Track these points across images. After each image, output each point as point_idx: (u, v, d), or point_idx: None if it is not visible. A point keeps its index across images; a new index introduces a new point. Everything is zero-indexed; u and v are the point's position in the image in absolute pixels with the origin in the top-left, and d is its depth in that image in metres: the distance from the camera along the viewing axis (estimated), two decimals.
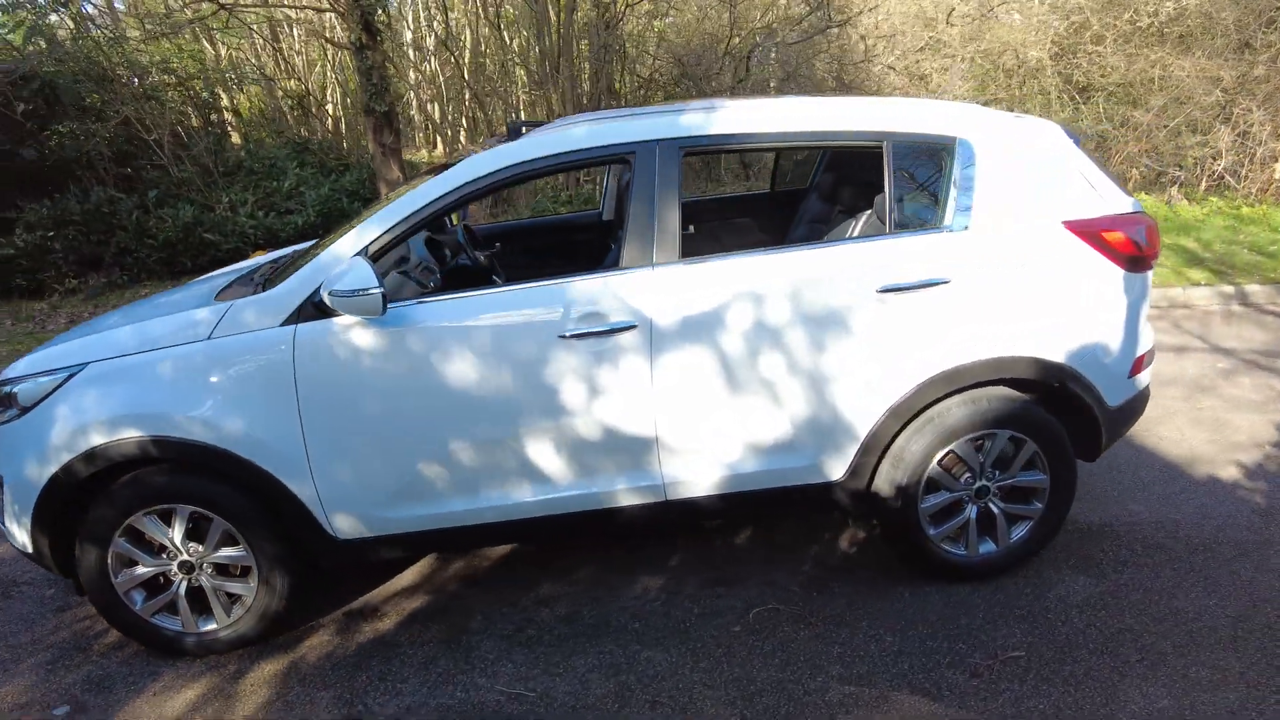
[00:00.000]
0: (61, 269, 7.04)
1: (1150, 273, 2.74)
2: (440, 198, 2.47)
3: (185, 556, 2.54)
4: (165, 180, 8.82)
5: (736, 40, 8.87)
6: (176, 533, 2.51)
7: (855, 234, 3.08)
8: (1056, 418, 2.70)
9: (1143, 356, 2.76)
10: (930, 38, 9.14)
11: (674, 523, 2.73)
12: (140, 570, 2.54)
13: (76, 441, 2.40)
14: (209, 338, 2.43)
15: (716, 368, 2.50)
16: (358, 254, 2.41)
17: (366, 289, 2.26)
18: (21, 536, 2.53)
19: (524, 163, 2.51)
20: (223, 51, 11.92)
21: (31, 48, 8.32)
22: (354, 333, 2.41)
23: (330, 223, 9.19)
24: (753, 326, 2.49)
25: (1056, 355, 2.61)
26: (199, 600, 2.59)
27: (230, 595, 2.60)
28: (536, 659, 2.55)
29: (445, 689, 2.44)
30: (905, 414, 2.59)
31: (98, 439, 2.40)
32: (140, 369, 2.43)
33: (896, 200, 2.61)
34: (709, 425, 2.56)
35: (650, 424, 2.52)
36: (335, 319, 2.38)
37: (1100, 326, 2.64)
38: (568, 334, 2.43)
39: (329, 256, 2.45)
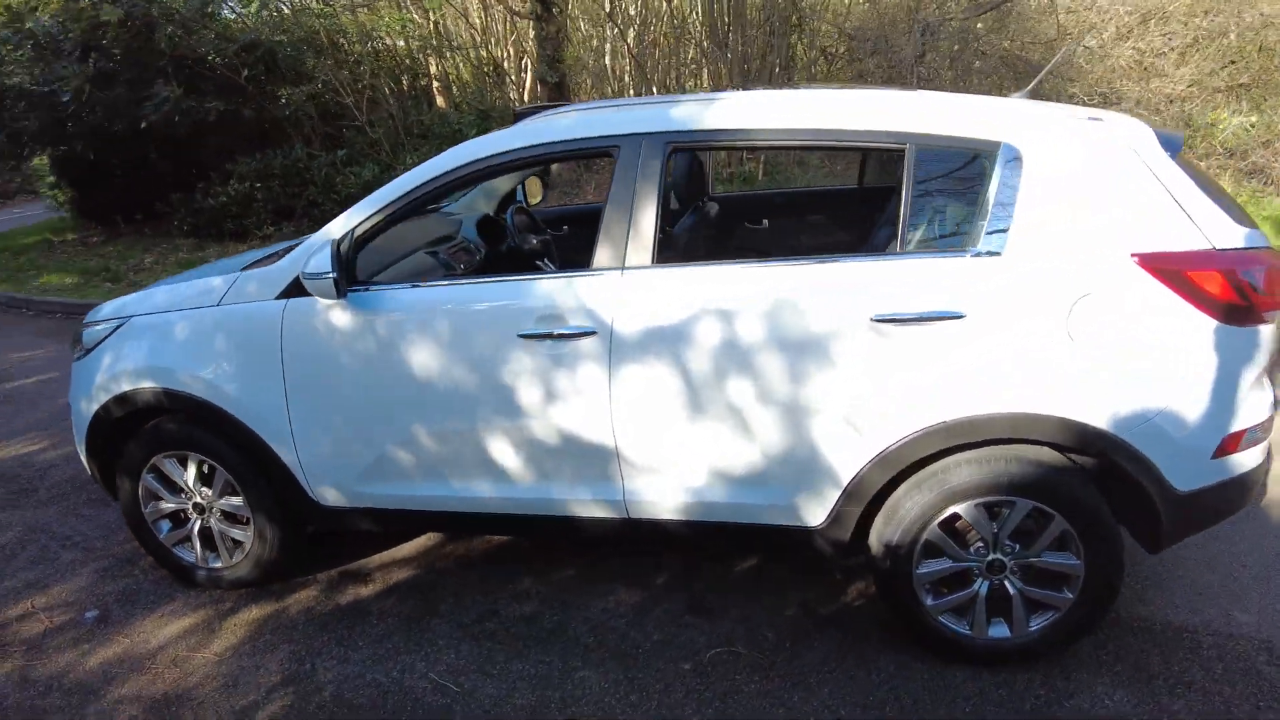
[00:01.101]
0: (262, 216, 8.06)
1: (1265, 328, 2.12)
2: (420, 185, 2.46)
3: (198, 499, 2.80)
4: (360, 140, 9.71)
5: (924, 13, 8.03)
6: (190, 476, 2.77)
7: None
8: (1102, 495, 2.20)
9: (1240, 433, 2.16)
10: (1147, 10, 7.72)
11: (643, 541, 2.58)
12: (164, 505, 2.84)
13: (112, 385, 2.72)
14: (218, 304, 2.63)
15: (681, 385, 2.30)
16: (341, 237, 2.47)
17: (322, 274, 2.32)
18: (83, 459, 2.93)
19: (505, 153, 2.43)
20: (433, 19, 12.78)
21: (263, 17, 9.45)
22: (333, 313, 2.49)
23: None
24: (725, 344, 2.25)
25: (1098, 420, 2.11)
26: (210, 540, 2.86)
27: (234, 540, 2.84)
28: (479, 655, 2.54)
29: (386, 665, 2.50)
30: (897, 464, 2.23)
31: (126, 386, 2.70)
32: (163, 327, 2.69)
33: (914, 214, 2.22)
34: (672, 445, 2.37)
35: (609, 436, 2.38)
36: (319, 298, 2.47)
37: (1171, 390, 2.10)
38: (525, 334, 2.35)
39: (321, 237, 2.54)
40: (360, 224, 2.49)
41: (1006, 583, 2.31)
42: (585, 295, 2.32)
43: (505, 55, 12.48)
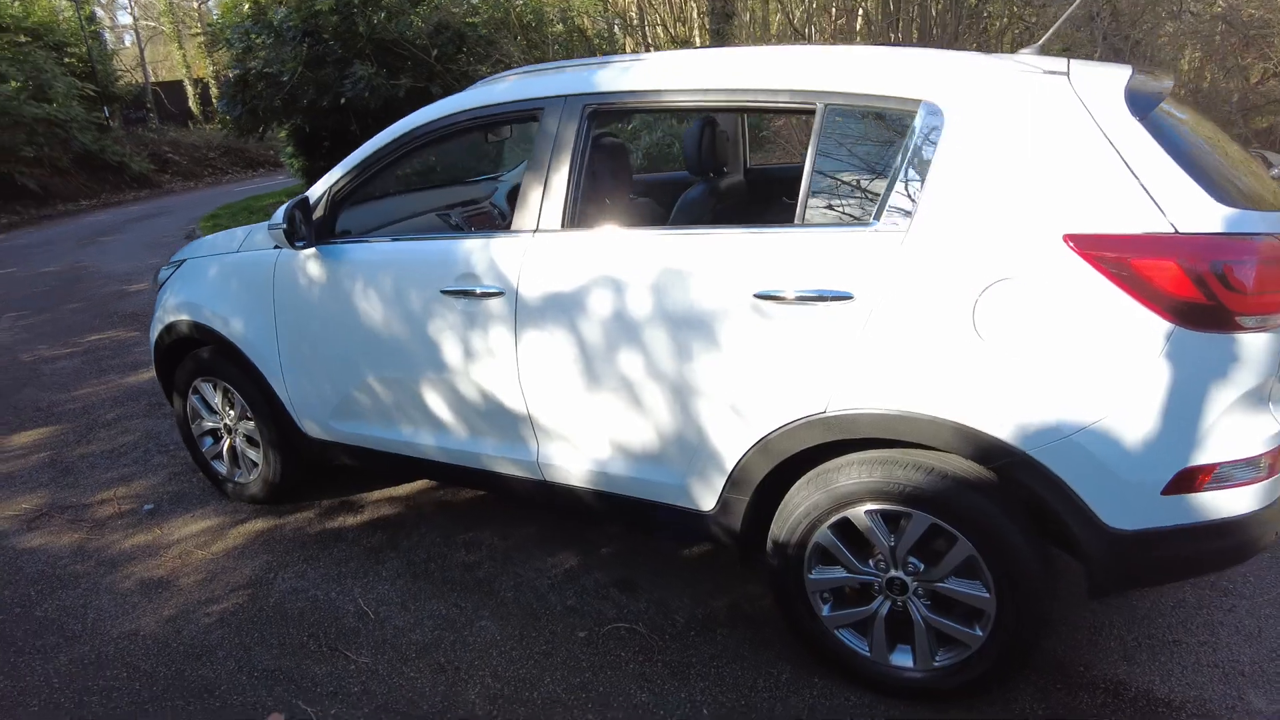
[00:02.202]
0: None
1: (1246, 337, 1.67)
2: (378, 150, 2.62)
3: (226, 420, 3.23)
4: None
5: None
6: (218, 400, 3.20)
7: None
8: (1022, 519, 1.86)
9: (1206, 468, 1.72)
10: None
11: (561, 508, 2.58)
12: (205, 423, 3.30)
13: (165, 317, 3.20)
14: (237, 251, 3.00)
15: (578, 353, 2.27)
16: (320, 195, 2.71)
17: (276, 224, 2.57)
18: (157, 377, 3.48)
19: (446, 117, 2.51)
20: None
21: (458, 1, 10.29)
22: (309, 264, 2.74)
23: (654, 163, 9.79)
24: (617, 313, 2.19)
25: (1001, 430, 1.78)
26: (236, 458, 3.29)
27: (251, 460, 3.24)
28: (409, 591, 2.70)
29: (330, 585, 2.75)
30: (778, 455, 2.04)
31: (170, 317, 3.17)
32: (200, 268, 3.11)
33: (817, 182, 2.00)
34: (576, 412, 2.35)
35: (519, 398, 2.41)
36: (301, 248, 2.73)
37: (1102, 404, 1.72)
38: (446, 290, 2.43)
39: (309, 192, 2.80)
40: (336, 184, 2.71)
41: (910, 606, 2.03)
42: (498, 256, 2.36)
43: (689, 33, 12.51)
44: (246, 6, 10.00)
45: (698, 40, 11.46)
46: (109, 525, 3.22)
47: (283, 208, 2.62)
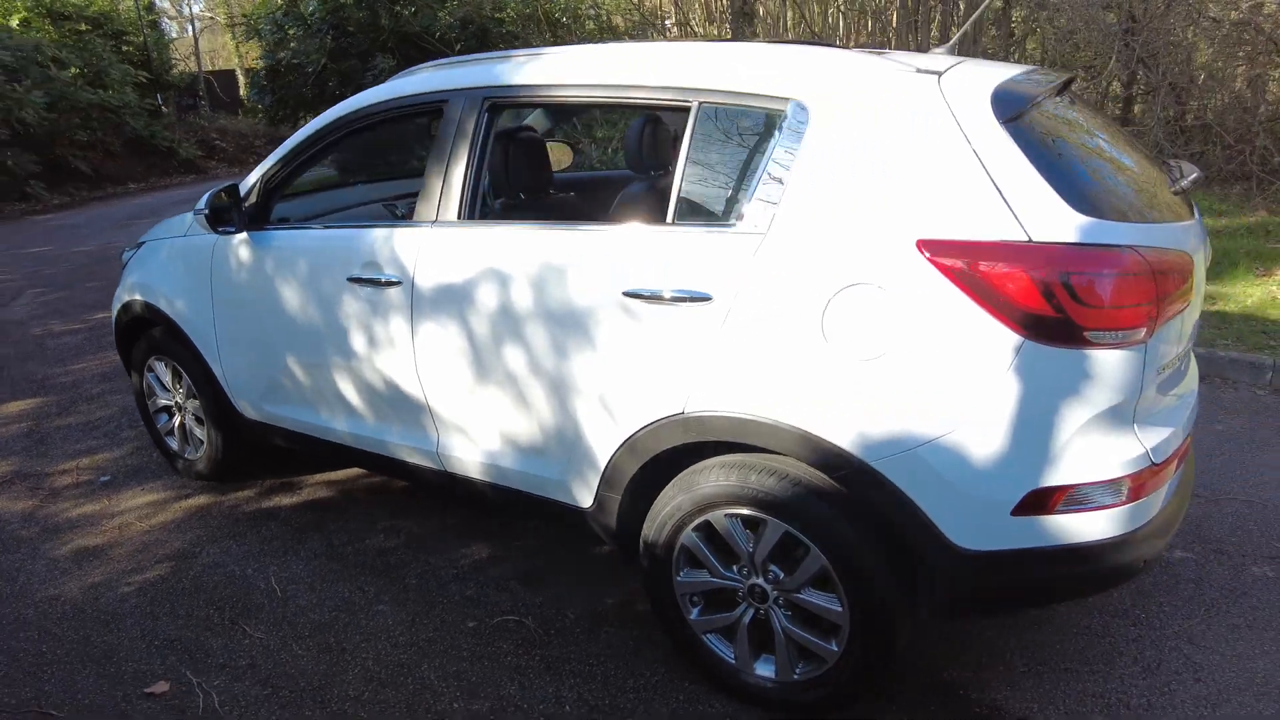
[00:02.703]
0: None
1: (1102, 353, 1.60)
2: (302, 142, 2.68)
3: (177, 399, 3.34)
4: None
5: None
6: (169, 378, 3.31)
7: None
8: (867, 536, 1.82)
9: (1059, 489, 1.66)
10: None
11: (461, 497, 2.61)
12: (159, 400, 3.42)
13: (123, 295, 3.33)
14: (184, 235, 3.09)
15: (466, 345, 2.29)
16: (253, 184, 2.78)
17: (199, 210, 2.64)
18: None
19: (359, 110, 2.56)
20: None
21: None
22: (240, 249, 2.82)
23: None
24: (502, 307, 2.20)
25: (844, 439, 1.75)
26: (186, 435, 3.39)
27: (199, 438, 3.34)
28: (320, 572, 2.76)
29: (249, 562, 2.82)
30: (645, 454, 2.04)
31: (126, 297, 3.29)
32: (154, 250, 3.23)
33: (689, 180, 1.98)
34: (467, 404, 2.37)
35: (419, 388, 2.45)
36: (226, 234, 2.81)
37: (949, 418, 1.67)
38: (352, 278, 2.48)
39: (244, 180, 2.87)
40: (267, 172, 2.78)
41: (772, 615, 2.00)
42: (398, 246, 2.39)
43: (719, 31, 12.44)
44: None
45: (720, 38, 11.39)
46: (63, 494, 3.36)
47: (208, 194, 2.70)
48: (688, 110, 1.99)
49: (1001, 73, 1.85)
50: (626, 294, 1.97)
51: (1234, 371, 4.17)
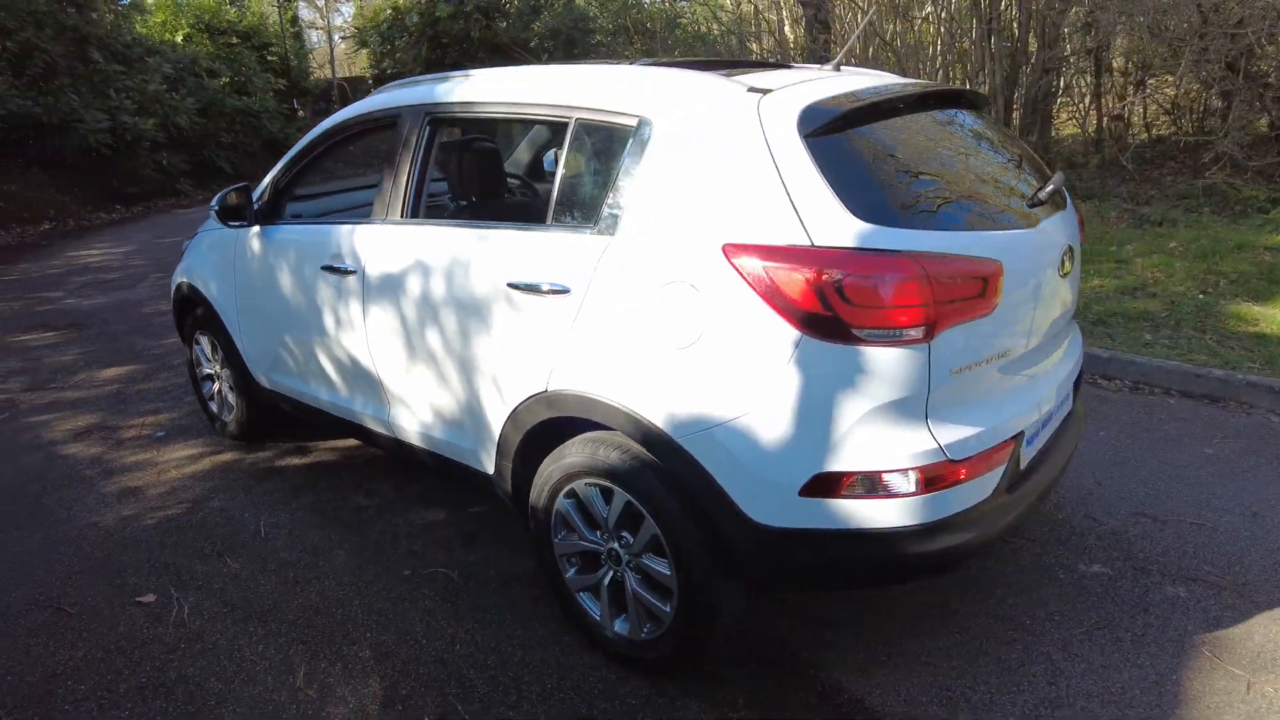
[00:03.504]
0: None
1: (875, 349, 1.75)
2: (299, 151, 3.12)
3: (215, 368, 3.89)
4: None
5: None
6: (208, 350, 3.87)
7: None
8: (686, 507, 2.02)
9: (842, 475, 1.82)
10: None
11: (414, 464, 2.96)
12: (204, 369, 3.99)
13: (176, 278, 3.91)
14: (219, 228, 3.62)
15: (399, 327, 2.65)
16: (265, 184, 3.25)
17: (212, 206, 3.12)
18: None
19: (339, 124, 2.97)
20: (743, 6, 13.21)
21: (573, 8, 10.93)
22: (253, 239, 3.30)
23: None
24: (423, 296, 2.54)
25: (658, 418, 1.96)
26: (223, 400, 3.94)
27: (230, 403, 3.87)
28: (302, 521, 3.20)
29: (248, 510, 3.30)
30: (524, 427, 2.32)
31: (178, 279, 3.87)
32: (201, 240, 3.78)
33: (565, 187, 2.24)
34: (406, 379, 2.72)
35: (371, 364, 2.82)
36: (237, 227, 3.29)
37: (744, 403, 1.86)
38: (324, 266, 2.88)
39: (263, 182, 3.35)
40: (276, 176, 3.25)
41: (626, 577, 2.24)
42: (357, 240, 2.78)
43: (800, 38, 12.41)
44: (389, 11, 11.19)
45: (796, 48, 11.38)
46: (126, 444, 3.99)
47: (221, 193, 3.19)
48: (567, 125, 2.25)
49: (838, 88, 2.00)
50: (509, 285, 2.26)
51: (1251, 395, 3.97)
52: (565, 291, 2.14)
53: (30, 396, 4.71)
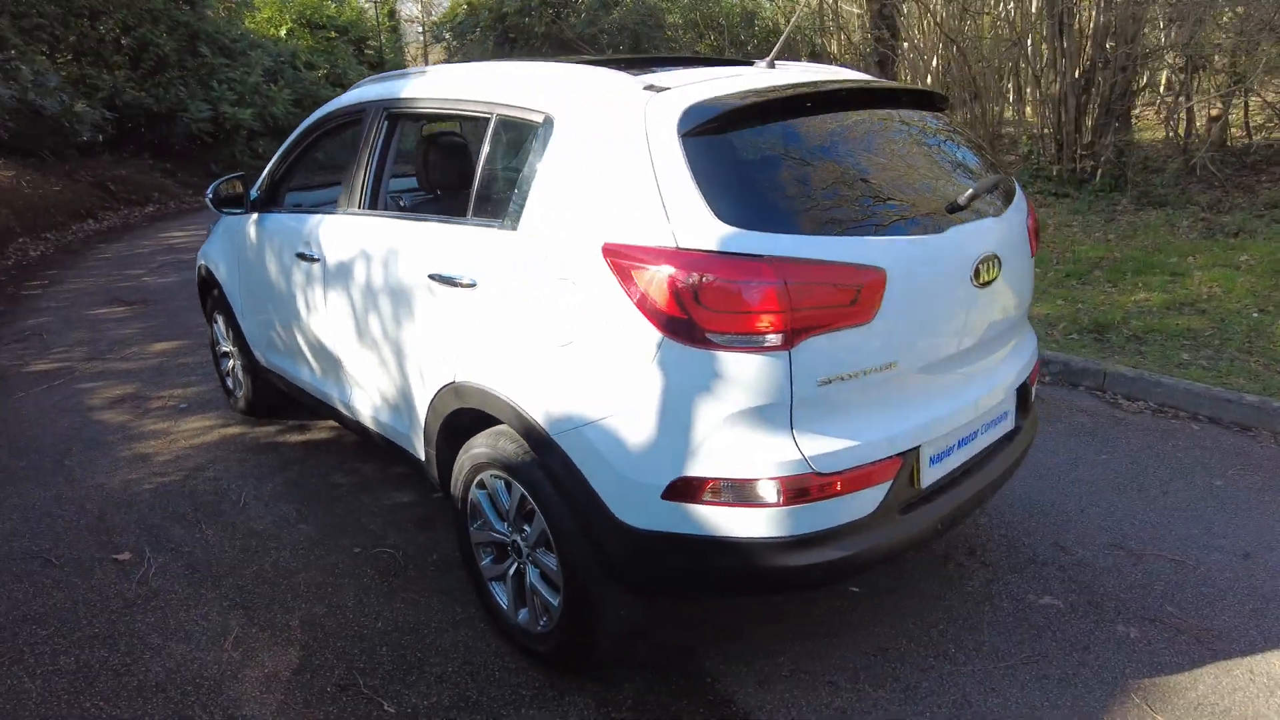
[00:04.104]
0: None
1: (731, 355, 1.72)
2: (290, 144, 3.28)
3: (228, 346, 4.14)
4: None
5: None
6: (223, 329, 4.12)
7: None
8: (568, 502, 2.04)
9: (701, 481, 1.80)
10: None
11: (375, 446, 3.07)
12: (221, 347, 4.24)
13: (198, 261, 4.18)
14: (230, 215, 3.85)
15: (350, 313, 2.76)
16: (264, 175, 3.44)
17: (207, 194, 3.32)
18: None
19: (318, 119, 3.11)
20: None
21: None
22: (251, 226, 3.50)
23: None
24: (366, 284, 2.65)
25: (538, 414, 1.99)
26: (236, 377, 4.19)
27: (240, 380, 4.12)
28: (280, 494, 3.37)
29: (236, 480, 3.50)
30: (441, 415, 2.39)
31: (200, 262, 4.13)
32: (218, 226, 4.03)
33: (483, 181, 2.28)
34: (357, 364, 2.84)
35: (333, 347, 2.95)
36: (233, 214, 3.50)
37: (614, 403, 1.86)
38: (297, 253, 3.03)
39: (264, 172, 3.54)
40: (273, 166, 3.43)
41: (527, 569, 2.27)
42: (321, 230, 2.91)
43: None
44: (465, 6, 11.53)
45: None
46: (150, 414, 4.30)
47: (216, 182, 3.39)
48: (490, 121, 2.29)
49: (742, 86, 1.96)
50: (429, 276, 2.33)
51: None
52: (473, 285, 2.18)
53: (86, 365, 5.13)
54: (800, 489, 1.77)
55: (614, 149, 1.91)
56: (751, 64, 2.36)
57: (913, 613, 2.53)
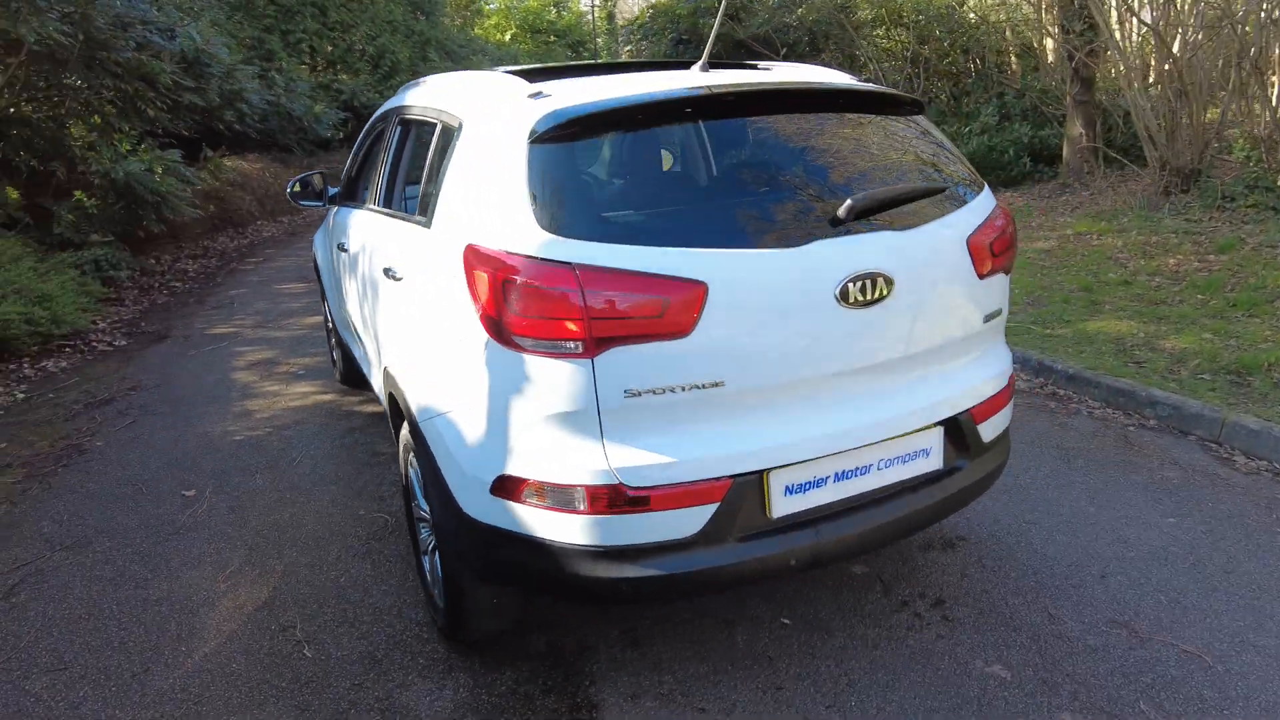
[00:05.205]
0: None
1: (539, 359, 1.75)
2: (356, 145, 3.66)
3: (331, 325, 4.70)
4: None
5: None
6: (325, 310, 4.68)
7: None
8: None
9: (518, 481, 1.85)
10: None
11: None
12: (327, 324, 4.82)
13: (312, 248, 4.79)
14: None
15: (359, 297, 3.07)
16: (345, 169, 3.89)
17: (289, 186, 3.81)
18: None
19: (370, 124, 3.44)
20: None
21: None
22: (330, 217, 3.97)
23: (978, 169, 8.92)
24: (363, 274, 2.93)
25: (413, 401, 2.14)
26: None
27: (335, 356, 4.65)
28: (330, 455, 3.81)
29: (304, 440, 4.00)
30: (386, 392, 2.59)
31: (312, 248, 4.73)
32: (327, 215, 4.59)
33: (425, 180, 2.46)
34: (367, 344, 3.15)
35: (362, 328, 3.30)
36: (312, 207, 3.98)
37: (459, 397, 1.97)
38: (337, 245, 3.41)
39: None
40: (348, 166, 3.87)
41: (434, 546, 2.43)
42: (351, 223, 3.26)
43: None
44: (650, 9, 11.89)
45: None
46: (273, 376, 5.00)
47: (297, 177, 3.88)
48: (437, 126, 2.46)
49: (622, 91, 1.95)
50: (383, 270, 2.56)
51: None
52: (400, 280, 2.37)
53: (252, 332, 6.05)
54: (608, 500, 1.76)
55: (487, 153, 2.00)
56: (682, 68, 2.30)
57: (834, 656, 2.36)
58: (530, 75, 2.26)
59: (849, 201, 1.85)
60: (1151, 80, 7.91)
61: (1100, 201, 7.70)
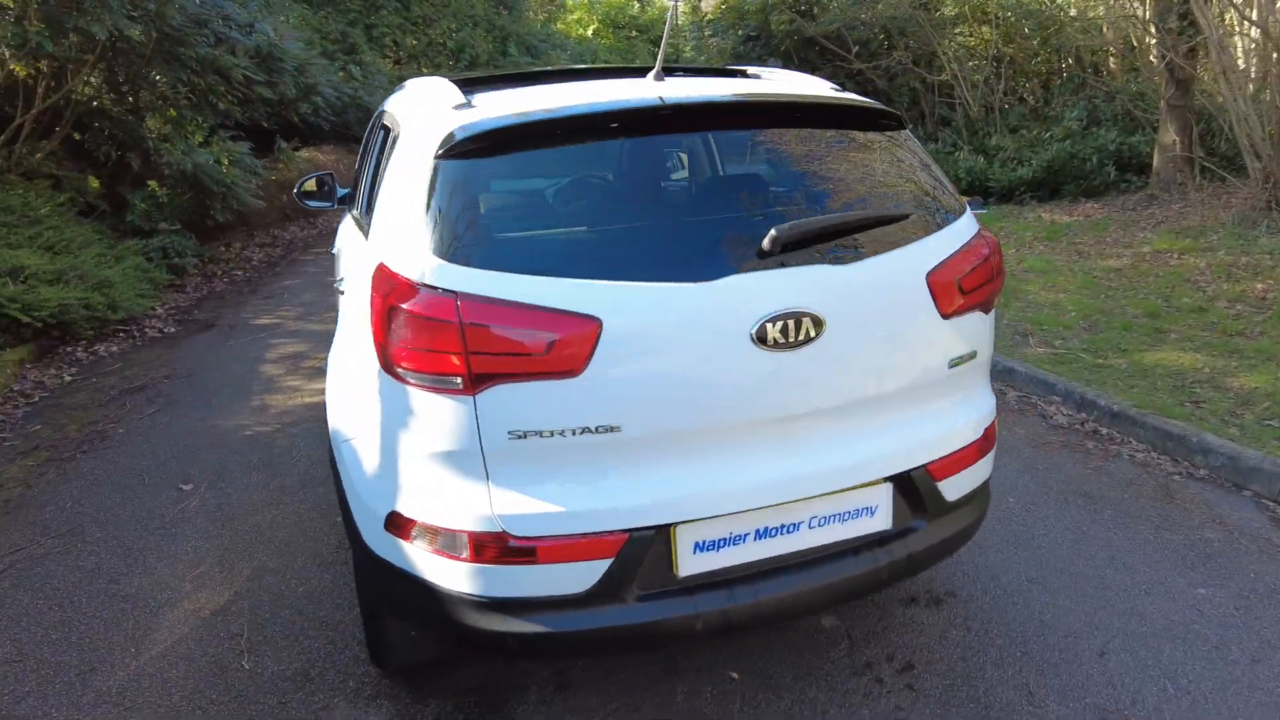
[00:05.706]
0: None
1: (422, 393, 1.65)
2: (361, 147, 3.64)
3: None
4: (958, 119, 9.75)
5: None
6: None
7: None
8: None
9: (406, 521, 1.75)
10: None
11: None
12: None
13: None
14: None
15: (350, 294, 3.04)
16: (356, 171, 3.89)
17: (296, 191, 3.83)
18: None
19: (369, 128, 3.40)
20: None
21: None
22: (345, 217, 3.98)
23: (1056, 177, 8.35)
24: (349, 276, 2.90)
25: (331, 421, 2.06)
26: None
27: None
28: (321, 455, 3.83)
29: (298, 438, 4.05)
30: None
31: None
32: None
33: (372, 190, 2.39)
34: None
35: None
36: (321, 208, 3.99)
37: (366, 422, 1.88)
38: (332, 251, 3.40)
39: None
40: (357, 167, 3.86)
41: None
42: (342, 227, 3.24)
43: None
44: (722, 7, 11.66)
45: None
46: (297, 372, 5.10)
47: (305, 178, 3.89)
48: (392, 131, 2.38)
49: (542, 104, 1.82)
50: (338, 281, 2.50)
51: None
52: (343, 292, 2.32)
53: (292, 324, 6.20)
54: (492, 548, 1.65)
55: (406, 165, 1.91)
56: (643, 75, 2.14)
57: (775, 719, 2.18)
58: (475, 84, 2.15)
59: (773, 231, 1.66)
60: (1257, 84, 7.18)
61: (1189, 217, 7.05)
